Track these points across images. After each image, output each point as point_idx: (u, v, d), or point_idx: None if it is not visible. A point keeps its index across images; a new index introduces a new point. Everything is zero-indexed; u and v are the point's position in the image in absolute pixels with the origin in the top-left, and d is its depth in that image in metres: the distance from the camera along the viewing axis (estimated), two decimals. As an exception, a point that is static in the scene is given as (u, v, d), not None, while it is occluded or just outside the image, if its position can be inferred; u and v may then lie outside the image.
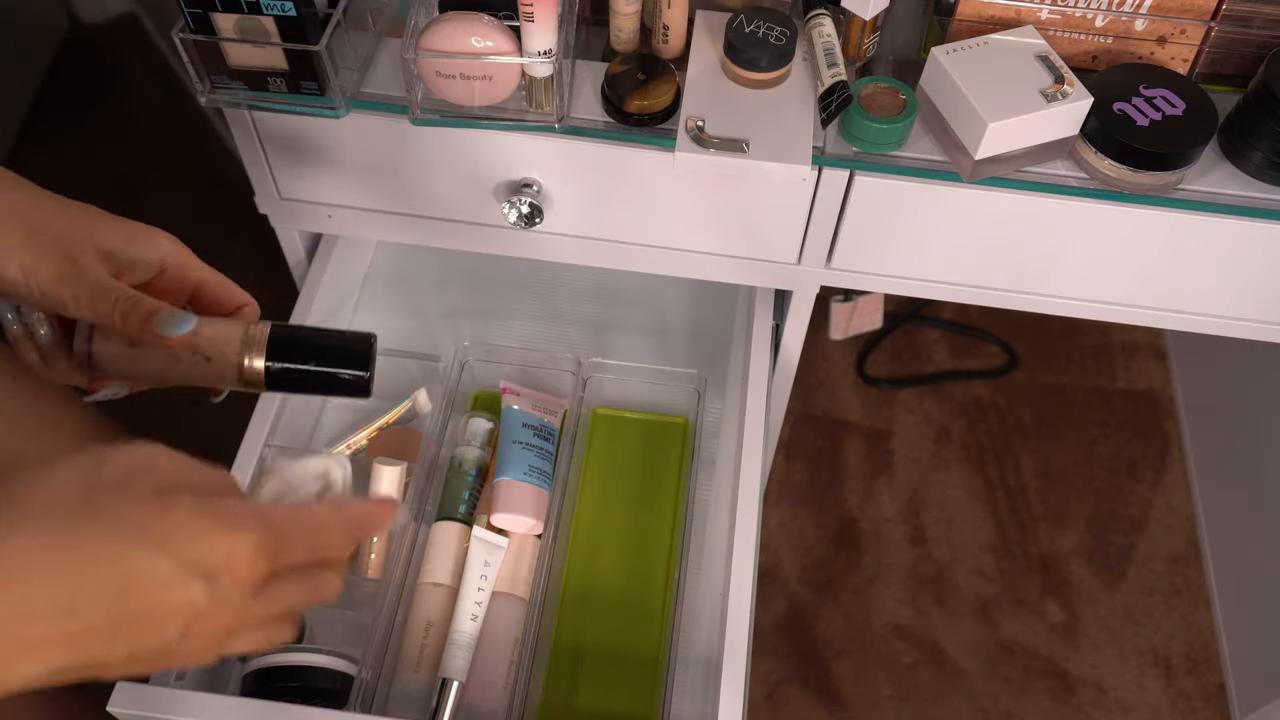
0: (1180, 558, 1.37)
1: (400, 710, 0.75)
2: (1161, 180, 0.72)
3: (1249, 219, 0.74)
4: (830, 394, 1.50)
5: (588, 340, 1.00)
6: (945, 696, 1.27)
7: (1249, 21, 0.74)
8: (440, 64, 0.71)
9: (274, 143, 0.80)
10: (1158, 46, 0.76)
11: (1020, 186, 0.74)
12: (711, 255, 0.83)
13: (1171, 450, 1.47)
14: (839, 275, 0.83)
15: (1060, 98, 0.70)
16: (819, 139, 0.74)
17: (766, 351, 0.88)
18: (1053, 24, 0.75)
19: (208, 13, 0.68)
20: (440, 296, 1.02)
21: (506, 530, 0.82)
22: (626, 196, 0.79)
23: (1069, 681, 1.28)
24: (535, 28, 0.68)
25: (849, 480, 1.43)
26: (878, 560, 1.36)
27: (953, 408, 1.50)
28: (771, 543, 1.36)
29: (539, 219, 0.79)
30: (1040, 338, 1.56)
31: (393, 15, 0.80)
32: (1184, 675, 1.29)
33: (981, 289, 0.83)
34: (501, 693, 0.76)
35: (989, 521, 1.40)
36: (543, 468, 0.84)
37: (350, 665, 0.75)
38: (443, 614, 0.78)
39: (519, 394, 0.88)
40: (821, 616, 1.31)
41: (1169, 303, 0.82)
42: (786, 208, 0.78)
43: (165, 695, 0.68)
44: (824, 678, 1.27)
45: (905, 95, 0.73)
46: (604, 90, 0.74)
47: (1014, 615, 1.33)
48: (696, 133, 0.72)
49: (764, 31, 0.73)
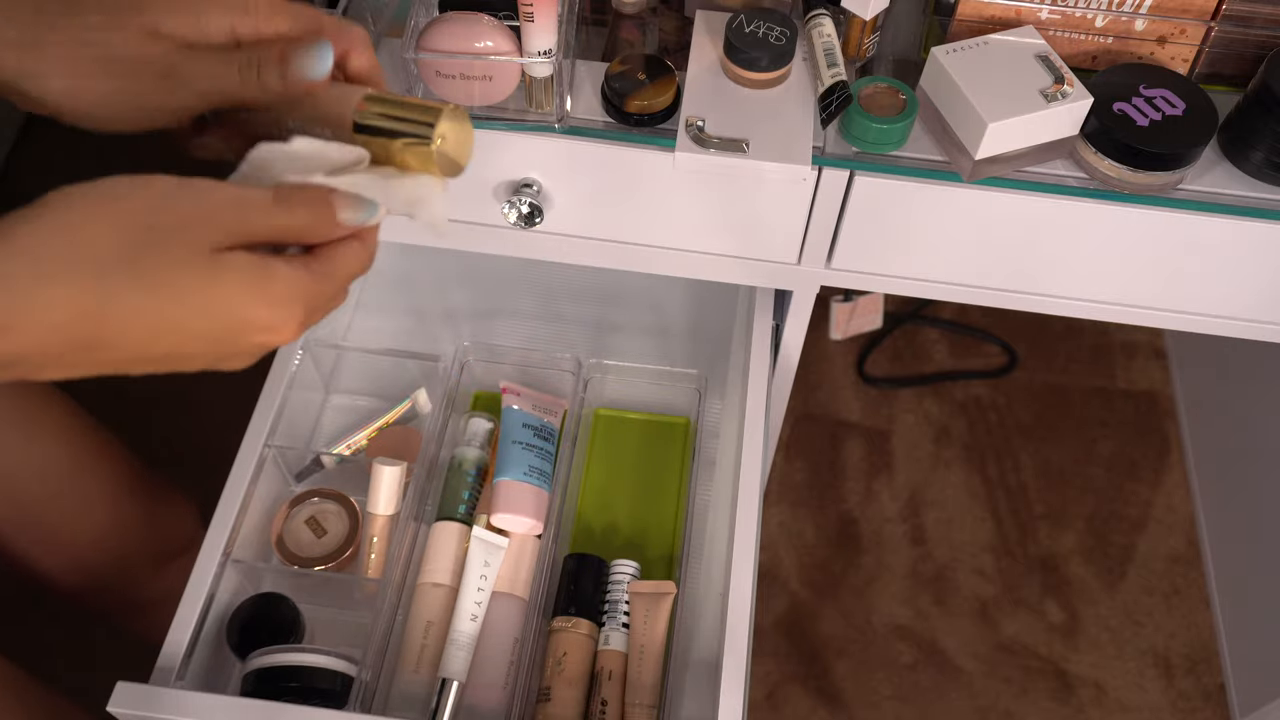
0: (1180, 558, 1.37)
1: (400, 710, 0.75)
2: (1161, 180, 0.72)
3: (1249, 219, 0.74)
4: (830, 394, 1.50)
5: (588, 340, 1.00)
6: (945, 696, 1.27)
7: (1249, 21, 0.74)
8: (440, 64, 0.71)
9: (274, 143, 0.80)
10: (1158, 46, 0.76)
11: (1020, 186, 0.74)
12: (711, 255, 0.83)
13: (1171, 450, 1.47)
14: (839, 275, 0.83)
15: (1060, 98, 0.70)
16: (819, 139, 0.74)
17: (766, 351, 0.88)
18: (1053, 24, 0.75)
19: (208, 13, 0.68)
20: (440, 296, 1.02)
21: (506, 530, 0.82)
22: (626, 196, 0.79)
23: (1069, 681, 1.28)
24: (535, 28, 0.68)
25: (849, 480, 1.43)
26: (878, 560, 1.36)
27: (953, 408, 1.50)
28: (771, 543, 1.36)
29: (539, 219, 0.79)
30: (1040, 338, 1.56)
31: (393, 15, 0.80)
32: (1184, 675, 1.29)
33: (981, 289, 0.83)
34: (501, 693, 0.76)
35: (989, 521, 1.40)
36: (543, 468, 0.84)
37: (350, 665, 0.75)
38: (443, 614, 0.78)
39: (519, 394, 0.88)
40: (821, 616, 1.31)
41: (1169, 303, 0.82)
42: (786, 208, 0.78)
43: (165, 695, 0.68)
44: (824, 678, 1.27)
45: (905, 95, 0.73)
46: (604, 90, 0.74)
47: (1014, 615, 1.33)
48: (696, 133, 0.72)
49: (764, 31, 0.73)
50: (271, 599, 0.80)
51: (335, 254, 0.52)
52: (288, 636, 0.78)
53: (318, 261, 0.51)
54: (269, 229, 0.50)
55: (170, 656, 0.71)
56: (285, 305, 0.49)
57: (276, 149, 0.53)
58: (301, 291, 0.50)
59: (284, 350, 0.86)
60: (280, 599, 0.80)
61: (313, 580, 0.82)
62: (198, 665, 0.75)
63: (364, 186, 0.53)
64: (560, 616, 0.79)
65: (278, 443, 0.84)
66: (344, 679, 0.75)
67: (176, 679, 0.71)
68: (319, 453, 0.88)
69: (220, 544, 0.76)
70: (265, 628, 0.78)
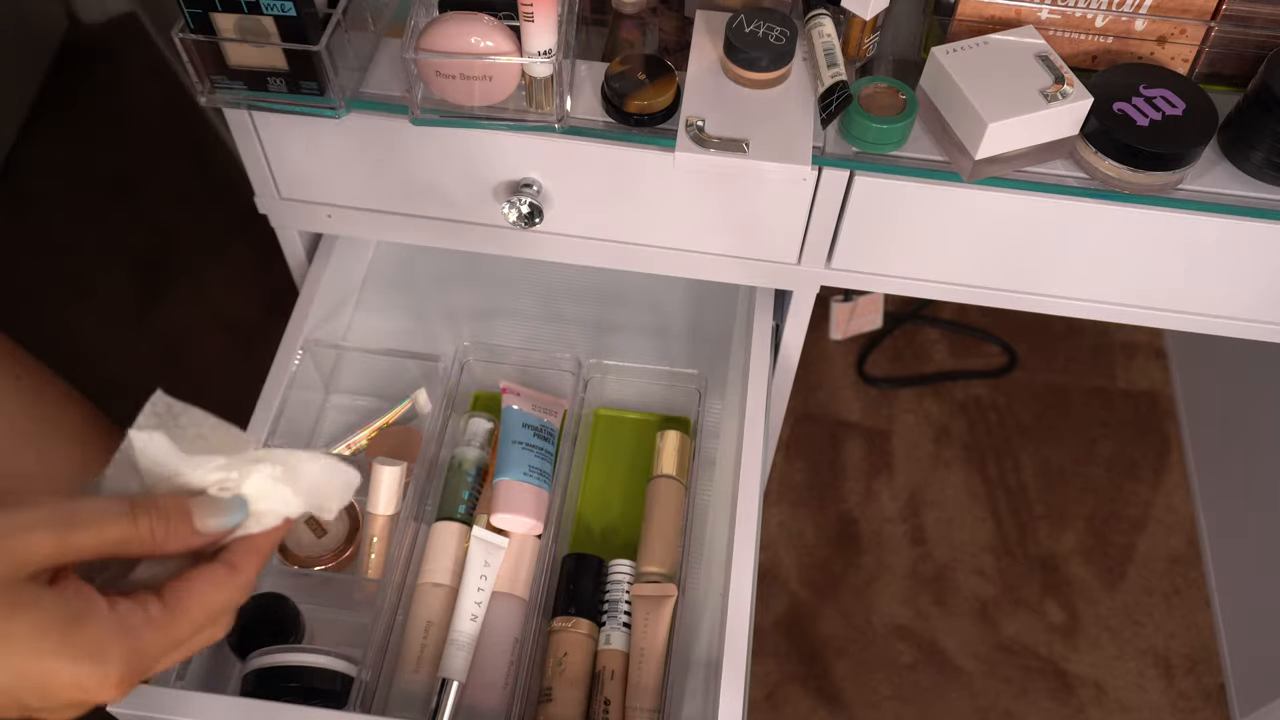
0: (1180, 558, 1.37)
1: (400, 710, 0.75)
2: (1161, 180, 0.72)
3: (1249, 219, 0.74)
4: (830, 394, 1.50)
5: (588, 340, 1.00)
6: (945, 696, 1.27)
7: (1249, 21, 0.74)
8: (440, 64, 0.71)
9: (274, 143, 0.80)
10: (1158, 46, 0.76)
11: (1020, 186, 0.74)
12: (711, 255, 0.83)
13: (1171, 450, 1.47)
14: (839, 275, 0.83)
15: (1060, 98, 0.70)
16: (819, 139, 0.74)
17: (766, 351, 0.88)
18: (1053, 24, 0.75)
19: (208, 13, 0.68)
20: (440, 296, 1.02)
21: (506, 530, 0.82)
22: (626, 196, 0.79)
23: (1069, 681, 1.28)
24: (535, 28, 0.68)
25: (849, 480, 1.43)
26: (878, 560, 1.36)
27: (953, 408, 1.50)
28: (771, 543, 1.36)
29: (539, 219, 0.79)
30: (1040, 338, 1.56)
31: (393, 15, 0.80)
32: (1184, 675, 1.29)
33: (981, 289, 0.83)
34: (501, 693, 0.76)
35: (989, 521, 1.40)
36: (543, 468, 0.84)
37: (350, 665, 0.75)
38: (443, 614, 0.78)
39: (519, 394, 0.88)
40: (821, 616, 1.31)
41: (1169, 303, 0.82)
42: (786, 208, 0.78)
43: (165, 695, 0.68)
44: (824, 678, 1.27)
45: (905, 95, 0.73)
46: (604, 90, 0.74)
47: (1014, 615, 1.33)
48: (696, 133, 0.72)
49: (764, 31, 0.73)
50: (271, 599, 0.79)
51: (189, 588, 0.44)
52: (288, 636, 0.78)
53: (159, 600, 0.43)
54: (100, 543, 0.42)
55: (170, 656, 0.71)
56: (94, 661, 0.40)
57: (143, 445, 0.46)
58: (121, 641, 0.41)
59: (284, 350, 0.86)
60: (280, 599, 0.80)
61: (313, 580, 0.82)
62: (198, 665, 0.75)
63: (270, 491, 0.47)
64: (560, 616, 0.79)
65: (278, 443, 0.84)
66: (344, 679, 0.75)
67: (176, 679, 0.71)
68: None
69: (220, 544, 0.76)
70: (265, 628, 0.78)
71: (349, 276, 0.99)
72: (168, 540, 0.44)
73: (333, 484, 0.49)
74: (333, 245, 0.93)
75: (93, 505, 0.43)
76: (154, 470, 0.46)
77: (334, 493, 0.50)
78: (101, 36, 1.87)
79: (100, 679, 0.41)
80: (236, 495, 0.46)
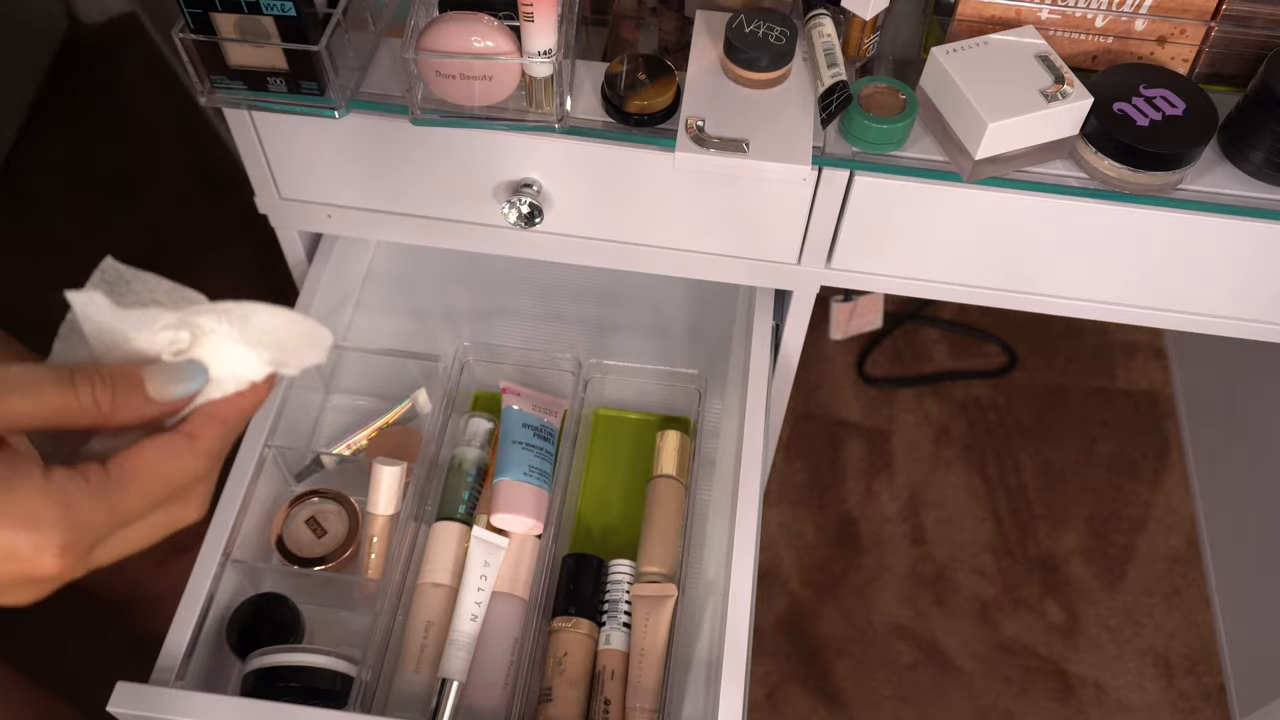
0: (1180, 558, 1.37)
1: (400, 710, 0.75)
2: (1161, 180, 0.72)
3: (1249, 219, 0.74)
4: (830, 394, 1.50)
5: (588, 340, 1.00)
6: (945, 696, 1.27)
7: (1249, 21, 0.74)
8: (440, 64, 0.71)
9: (274, 143, 0.80)
10: (1158, 46, 0.76)
11: (1020, 186, 0.74)
12: (711, 255, 0.83)
13: (1171, 450, 1.47)
14: (839, 275, 0.83)
15: (1060, 98, 0.70)
16: (819, 139, 0.74)
17: (766, 351, 0.88)
18: (1053, 24, 0.75)
19: (208, 13, 0.68)
20: (440, 296, 1.02)
21: (506, 530, 0.82)
22: (626, 196, 0.79)
23: (1069, 681, 1.28)
24: (535, 28, 0.68)
25: (849, 480, 1.43)
26: (878, 560, 1.36)
27: (953, 408, 1.50)
28: (771, 543, 1.36)
29: (539, 219, 0.79)
30: (1040, 338, 1.56)
31: (393, 15, 0.80)
32: (1184, 675, 1.29)
33: (981, 289, 0.83)
34: (501, 693, 0.76)
35: (989, 521, 1.40)
36: (543, 468, 0.84)
37: (350, 665, 0.75)
38: (443, 614, 0.78)
39: (519, 394, 0.88)
40: (821, 616, 1.31)
41: (1169, 303, 0.82)
42: (786, 208, 0.78)
43: (165, 695, 0.68)
44: (824, 678, 1.27)
45: (905, 95, 0.73)
46: (604, 90, 0.74)
47: (1014, 615, 1.33)
48: (697, 133, 0.72)
49: (764, 31, 0.73)
50: (271, 599, 0.79)
51: (137, 456, 0.41)
52: (288, 637, 0.78)
53: (103, 469, 0.40)
54: (36, 411, 0.39)
55: (170, 656, 0.71)
56: (27, 528, 0.38)
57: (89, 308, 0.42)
58: (56, 508, 0.39)
59: (284, 350, 0.86)
60: (280, 599, 0.80)
61: (313, 580, 0.82)
62: (198, 665, 0.75)
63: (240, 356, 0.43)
64: (560, 616, 0.79)
65: (278, 443, 0.84)
66: (344, 679, 0.75)
67: (176, 679, 0.71)
68: (319, 453, 0.88)
69: (220, 544, 0.76)
70: (265, 628, 0.78)
71: (349, 276, 0.99)
72: (115, 410, 0.41)
73: (298, 338, 0.45)
74: (333, 245, 0.93)
75: (26, 370, 0.40)
76: (101, 337, 0.43)
77: (298, 347, 0.45)
78: (101, 36, 1.87)
79: (35, 546, 0.38)
80: (193, 360, 0.42)
